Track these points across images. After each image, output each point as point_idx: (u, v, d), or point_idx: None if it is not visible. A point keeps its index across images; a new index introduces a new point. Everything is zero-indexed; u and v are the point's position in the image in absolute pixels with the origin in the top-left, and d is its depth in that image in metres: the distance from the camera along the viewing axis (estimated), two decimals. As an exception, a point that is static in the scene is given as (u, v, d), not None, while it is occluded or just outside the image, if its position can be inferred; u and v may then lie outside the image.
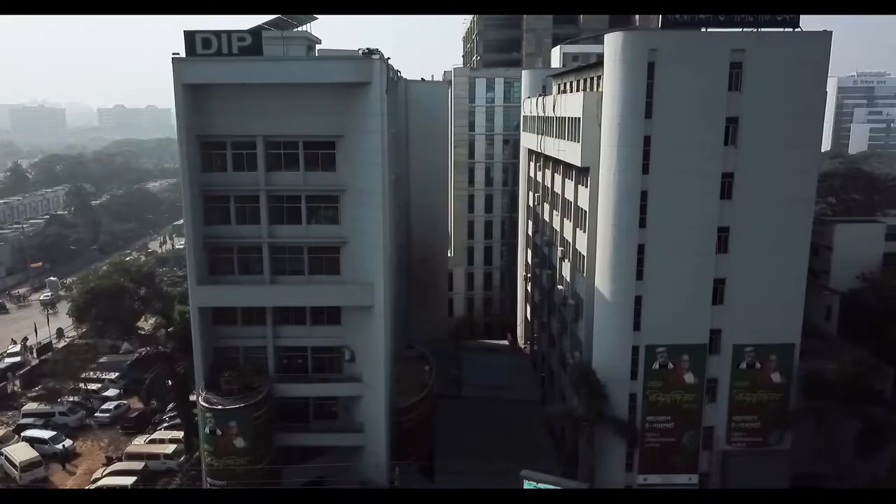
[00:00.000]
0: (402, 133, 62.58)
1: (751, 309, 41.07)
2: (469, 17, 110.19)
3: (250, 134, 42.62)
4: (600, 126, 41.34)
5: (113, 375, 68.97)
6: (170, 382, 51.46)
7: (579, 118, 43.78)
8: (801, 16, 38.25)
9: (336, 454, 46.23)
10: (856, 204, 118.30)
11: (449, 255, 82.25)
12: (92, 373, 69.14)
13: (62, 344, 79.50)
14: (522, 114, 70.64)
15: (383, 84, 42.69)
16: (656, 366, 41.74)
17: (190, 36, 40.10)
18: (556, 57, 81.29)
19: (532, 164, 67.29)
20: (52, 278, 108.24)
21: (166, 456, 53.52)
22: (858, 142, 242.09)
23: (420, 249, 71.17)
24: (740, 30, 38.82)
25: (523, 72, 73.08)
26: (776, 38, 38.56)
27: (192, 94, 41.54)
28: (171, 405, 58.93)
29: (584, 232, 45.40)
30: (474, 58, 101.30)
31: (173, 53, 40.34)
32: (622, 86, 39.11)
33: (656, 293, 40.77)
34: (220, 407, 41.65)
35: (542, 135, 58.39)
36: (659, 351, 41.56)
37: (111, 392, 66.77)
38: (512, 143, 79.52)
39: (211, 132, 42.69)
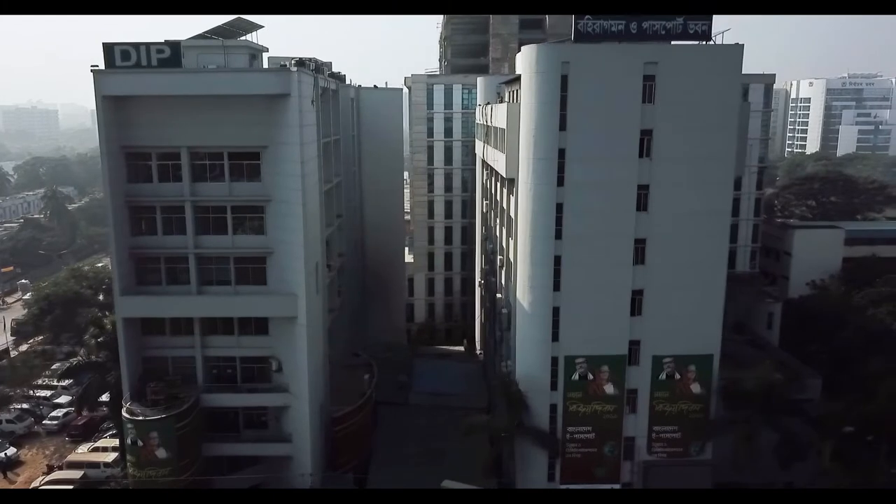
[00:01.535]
0: (350, 140, 62.78)
1: (669, 320, 41.19)
2: (442, 22, 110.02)
3: (174, 145, 42.84)
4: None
5: (66, 382, 68.98)
6: (108, 394, 51.41)
7: (505, 129, 43.93)
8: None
9: (269, 464, 46.50)
10: (834, 207, 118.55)
11: (410, 260, 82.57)
12: (45, 379, 69.20)
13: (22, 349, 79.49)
14: (476, 121, 70.79)
15: (307, 95, 43.01)
16: (576, 377, 41.89)
17: (108, 48, 40.31)
18: (519, 63, 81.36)
19: (484, 172, 67.43)
20: (23, 281, 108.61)
21: (106, 464, 53.53)
22: (847, 144, 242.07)
23: (374, 255, 71.37)
24: (654, 43, 38.99)
25: (478, 78, 73.15)
26: (688, 51, 38.79)
27: (114, 106, 41.78)
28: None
29: (513, 241, 45.55)
30: (444, 62, 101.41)
31: (92, 65, 40.55)
32: (537, 98, 39.27)
33: (574, 304, 40.92)
34: (140, 417, 41.81)
35: (486, 143, 58.58)
36: (578, 362, 41.70)
37: (63, 399, 66.82)
38: (471, 150, 79.63)
39: (135, 143, 42.91)
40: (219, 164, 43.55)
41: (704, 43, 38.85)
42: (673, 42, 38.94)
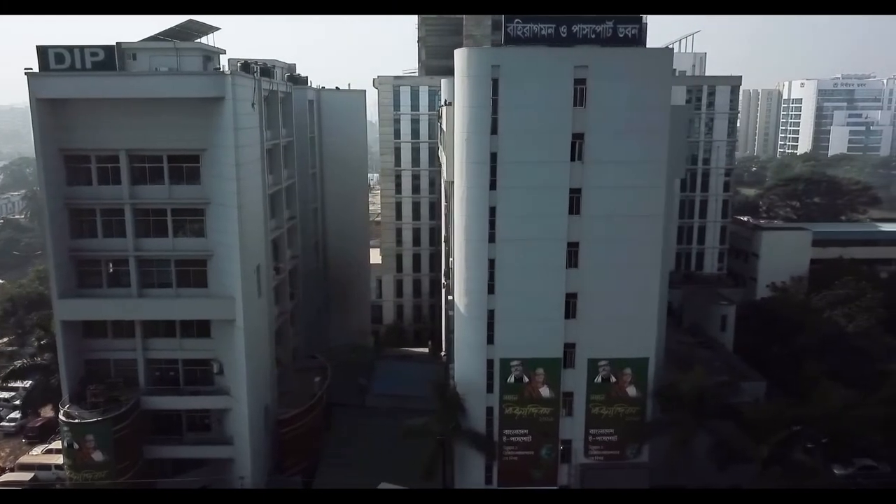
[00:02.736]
0: (308, 142, 62.62)
1: (604, 323, 41.14)
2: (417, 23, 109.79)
3: (112, 147, 42.90)
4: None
5: (27, 384, 68.85)
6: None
7: (446, 132, 43.96)
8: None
9: (213, 466, 46.52)
10: (818, 208, 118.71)
11: (378, 261, 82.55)
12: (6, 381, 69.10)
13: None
14: (439, 123, 70.81)
15: (245, 98, 43.07)
16: (511, 379, 41.87)
17: (42, 51, 40.45)
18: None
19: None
20: (0, 282, 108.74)
21: (57, 466, 53.35)
22: (838, 144, 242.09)
23: (337, 256, 71.25)
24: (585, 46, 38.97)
25: (442, 80, 73.07)
26: (618, 55, 38.73)
27: (51, 108, 41.89)
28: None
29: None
30: (417, 64, 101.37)
31: (25, 68, 40.60)
32: (469, 102, 39.30)
33: (508, 307, 40.90)
34: (76, 421, 41.84)
35: (441, 145, 58.59)
36: (514, 364, 41.69)
37: (23, 401, 66.68)
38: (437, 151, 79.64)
39: (74, 146, 43.03)
40: (158, 166, 43.59)
41: (634, 47, 38.81)
42: (604, 46, 38.86)
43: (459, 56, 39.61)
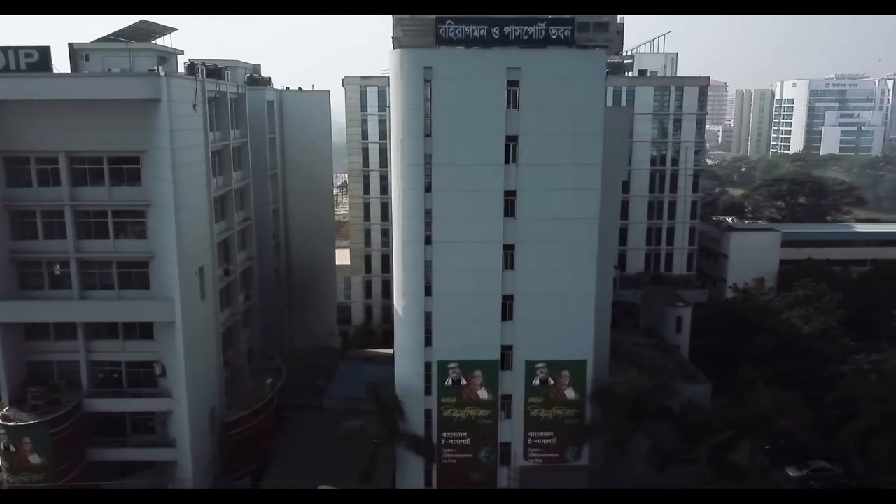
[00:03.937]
0: (267, 142, 62.36)
1: (541, 325, 41.02)
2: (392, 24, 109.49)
3: (52, 149, 42.69)
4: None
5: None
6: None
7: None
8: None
9: (159, 469, 46.43)
10: (803, 208, 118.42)
11: (347, 262, 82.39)
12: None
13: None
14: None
15: (185, 100, 42.96)
16: (449, 381, 41.74)
17: (-25, 52, 40.19)
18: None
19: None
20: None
21: (8, 468, 53.35)
22: (829, 144, 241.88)
23: (301, 257, 71.01)
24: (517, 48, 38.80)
25: (407, 81, 72.88)
26: (551, 57, 38.55)
27: (-11, 110, 41.69)
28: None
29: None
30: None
31: (-39, 70, 40.43)
32: (402, 104, 39.13)
33: (445, 309, 40.76)
34: (11, 423, 41.70)
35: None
36: (451, 367, 41.56)
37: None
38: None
39: (12, 147, 42.84)
40: (98, 168, 43.43)
41: (567, 49, 38.63)
42: (537, 47, 38.67)
43: (393, 57, 39.48)
